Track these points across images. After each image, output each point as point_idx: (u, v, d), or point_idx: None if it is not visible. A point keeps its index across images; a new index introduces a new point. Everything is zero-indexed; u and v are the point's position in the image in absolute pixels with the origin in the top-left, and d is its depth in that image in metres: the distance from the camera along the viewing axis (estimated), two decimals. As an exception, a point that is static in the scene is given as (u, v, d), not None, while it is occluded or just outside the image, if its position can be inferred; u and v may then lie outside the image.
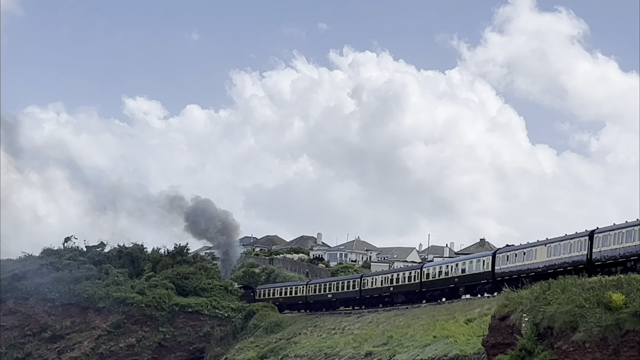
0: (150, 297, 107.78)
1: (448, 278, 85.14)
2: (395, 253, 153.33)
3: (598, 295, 44.29)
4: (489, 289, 77.96)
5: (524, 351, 45.76)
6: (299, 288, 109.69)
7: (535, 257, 71.22)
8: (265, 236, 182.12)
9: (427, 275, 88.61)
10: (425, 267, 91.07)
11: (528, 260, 72.03)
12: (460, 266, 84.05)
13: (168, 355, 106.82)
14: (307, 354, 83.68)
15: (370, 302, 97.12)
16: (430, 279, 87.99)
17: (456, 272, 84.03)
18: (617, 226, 62.38)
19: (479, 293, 79.33)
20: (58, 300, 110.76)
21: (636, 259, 57.78)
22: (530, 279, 67.95)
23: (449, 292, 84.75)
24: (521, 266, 72.67)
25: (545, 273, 67.18)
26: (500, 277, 75.67)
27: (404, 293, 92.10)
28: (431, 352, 64.81)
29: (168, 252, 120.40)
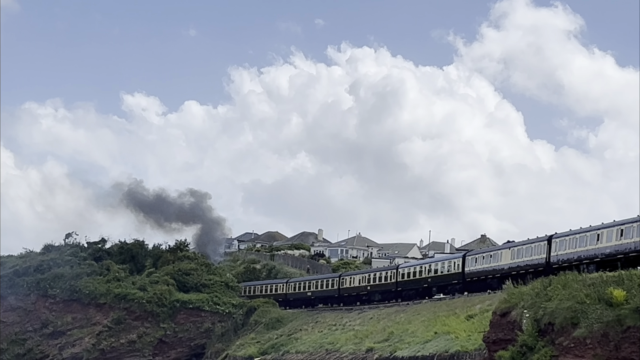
0: (151, 293, 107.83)
1: (422, 278, 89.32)
2: (397, 249, 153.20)
3: (599, 291, 44.26)
4: (460, 289, 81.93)
5: (524, 347, 45.73)
6: (279, 286, 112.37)
7: (500, 259, 76.32)
8: (266, 232, 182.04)
9: (403, 275, 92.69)
10: (400, 268, 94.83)
11: (494, 263, 77.11)
12: (433, 267, 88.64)
13: (169, 351, 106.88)
14: (308, 350, 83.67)
15: (348, 300, 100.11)
16: (405, 279, 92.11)
17: (429, 272, 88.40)
18: (572, 232, 67.24)
19: (450, 293, 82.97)
20: (59, 296, 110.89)
21: (588, 262, 62.41)
22: (496, 279, 74.12)
23: (422, 292, 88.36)
24: (488, 268, 77.62)
25: (509, 274, 72.02)
26: (469, 278, 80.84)
27: (380, 292, 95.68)
28: (432, 348, 64.80)
29: (169, 248, 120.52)
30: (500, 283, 71.40)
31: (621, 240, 60.14)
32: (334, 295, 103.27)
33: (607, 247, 61.55)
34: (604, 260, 61.01)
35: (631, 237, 58.88)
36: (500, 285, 71.10)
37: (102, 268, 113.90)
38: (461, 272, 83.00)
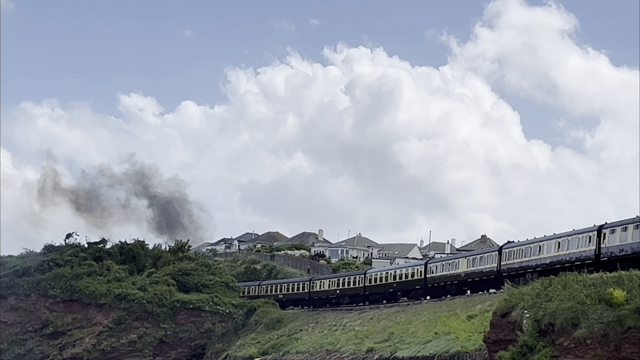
0: (152, 294, 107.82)
1: (388, 283, 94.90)
2: (397, 250, 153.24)
3: (599, 292, 44.24)
4: (422, 293, 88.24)
5: (525, 348, 45.70)
6: (252, 288, 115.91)
7: (458, 267, 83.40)
8: (267, 232, 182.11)
9: (370, 280, 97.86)
10: (368, 273, 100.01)
11: (452, 270, 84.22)
12: (398, 273, 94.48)
13: (169, 351, 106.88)
14: (309, 350, 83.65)
15: (318, 302, 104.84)
16: (372, 283, 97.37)
17: (395, 278, 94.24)
18: (520, 243, 75.64)
19: (414, 297, 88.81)
20: (59, 297, 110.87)
21: (531, 271, 69.55)
22: (454, 285, 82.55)
23: (388, 296, 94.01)
24: (447, 274, 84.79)
25: (465, 280, 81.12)
26: (430, 284, 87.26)
27: (349, 295, 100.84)
28: (432, 348, 64.78)
29: (169, 249, 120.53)
30: (458, 289, 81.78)
31: (558, 252, 67.33)
32: (304, 298, 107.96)
33: (547, 258, 68.40)
34: (544, 270, 66.67)
35: (567, 249, 66.27)
36: (458, 291, 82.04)
37: (102, 268, 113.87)
38: (424, 278, 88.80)
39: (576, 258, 65.09)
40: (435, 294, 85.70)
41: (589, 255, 63.77)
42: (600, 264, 61.29)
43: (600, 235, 63.00)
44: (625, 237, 59.91)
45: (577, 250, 65.38)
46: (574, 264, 63.97)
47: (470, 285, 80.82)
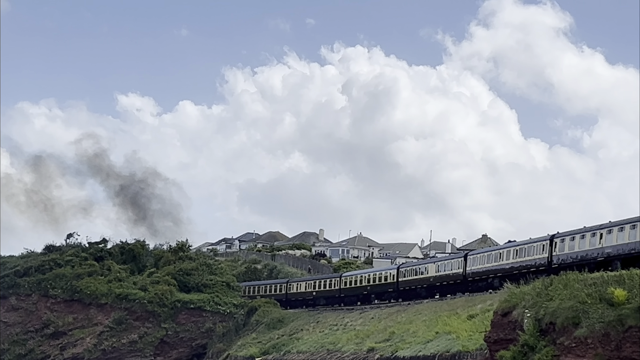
0: (153, 294, 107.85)
1: (362, 286, 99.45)
2: (398, 249, 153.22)
3: (600, 291, 44.18)
4: (395, 295, 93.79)
5: (526, 347, 45.65)
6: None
7: (427, 272, 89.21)
8: (267, 232, 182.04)
9: (345, 282, 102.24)
10: (343, 276, 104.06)
11: (422, 275, 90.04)
12: (372, 276, 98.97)
13: (170, 351, 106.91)
14: (309, 350, 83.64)
15: (294, 304, 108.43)
16: (347, 286, 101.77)
17: (369, 281, 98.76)
18: (483, 250, 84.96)
19: (387, 299, 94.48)
20: (60, 297, 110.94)
21: (493, 276, 76.37)
22: (424, 289, 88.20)
23: (362, 298, 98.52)
24: (418, 278, 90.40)
25: (434, 284, 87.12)
26: (402, 287, 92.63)
27: (325, 297, 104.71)
28: (433, 348, 64.74)
29: (170, 248, 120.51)
30: (427, 291, 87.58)
31: (517, 259, 73.71)
32: (282, 299, 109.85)
33: (507, 264, 75.08)
34: (504, 275, 72.95)
35: (524, 256, 72.67)
36: (428, 294, 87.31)
37: (103, 268, 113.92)
38: (396, 282, 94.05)
39: (532, 264, 71.07)
40: (406, 296, 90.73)
41: (542, 262, 69.70)
42: (552, 270, 65.26)
43: (552, 244, 68.99)
44: (573, 246, 66.11)
45: (532, 257, 71.49)
46: (530, 270, 69.62)
47: (439, 289, 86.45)
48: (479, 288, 78.92)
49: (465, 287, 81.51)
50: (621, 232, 60.86)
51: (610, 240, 61.60)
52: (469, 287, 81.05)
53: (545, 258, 69.36)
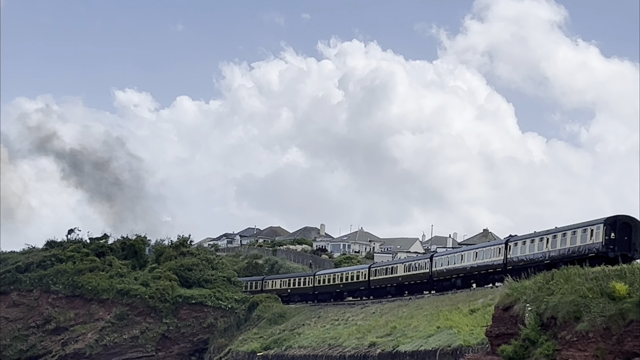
0: (154, 289, 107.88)
1: (335, 284, 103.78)
2: (399, 244, 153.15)
3: (601, 285, 44.14)
4: (366, 293, 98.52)
5: (527, 341, 45.64)
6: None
7: (397, 271, 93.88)
8: (269, 227, 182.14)
9: (319, 280, 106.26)
10: (317, 275, 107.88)
11: (392, 274, 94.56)
12: (344, 275, 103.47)
13: (172, 346, 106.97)
14: (311, 345, 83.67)
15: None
16: (321, 284, 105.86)
17: (341, 280, 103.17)
18: (447, 252, 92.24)
19: (359, 296, 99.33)
20: (62, 292, 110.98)
21: (456, 276, 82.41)
22: (394, 287, 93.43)
23: (335, 295, 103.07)
24: (388, 277, 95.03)
25: (402, 283, 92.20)
26: (373, 285, 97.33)
27: (299, 294, 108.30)
28: (435, 342, 64.74)
29: (171, 244, 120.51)
30: (397, 290, 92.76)
31: (476, 261, 79.63)
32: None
33: (468, 265, 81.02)
34: (465, 275, 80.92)
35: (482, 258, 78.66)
36: (397, 292, 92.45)
37: (104, 264, 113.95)
38: (368, 280, 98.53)
39: (490, 265, 77.21)
40: (377, 294, 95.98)
41: (499, 263, 75.83)
42: (506, 271, 72.24)
43: (507, 247, 75.11)
44: (524, 250, 72.70)
45: (490, 259, 77.70)
46: (488, 270, 77.30)
47: (407, 287, 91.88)
48: (443, 287, 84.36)
49: (432, 286, 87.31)
50: (564, 238, 67.69)
51: (555, 245, 68.35)
52: (434, 286, 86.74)
53: (502, 260, 75.51)
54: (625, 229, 64.15)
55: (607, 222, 64.36)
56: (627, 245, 63.62)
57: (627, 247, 63.41)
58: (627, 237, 64.23)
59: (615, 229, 63.84)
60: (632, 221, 65.12)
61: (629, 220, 65.11)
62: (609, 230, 63.82)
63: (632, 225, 64.62)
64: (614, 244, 63.51)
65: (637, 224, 65.02)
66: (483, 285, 77.99)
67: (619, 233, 63.82)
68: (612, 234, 63.74)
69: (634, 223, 64.97)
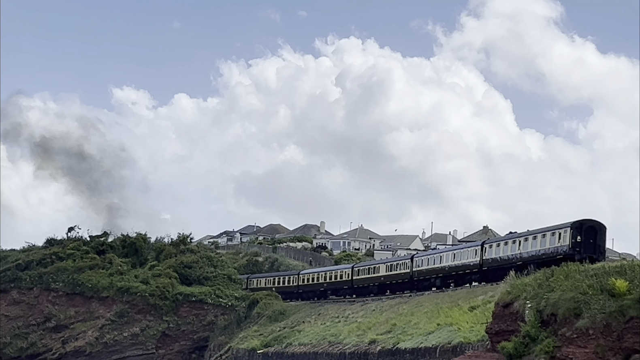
0: (154, 287, 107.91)
1: (319, 283, 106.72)
2: (399, 241, 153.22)
3: (601, 282, 44.11)
4: (350, 292, 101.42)
5: (527, 338, 45.63)
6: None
7: (379, 271, 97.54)
8: (269, 225, 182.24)
9: (303, 280, 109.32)
10: (301, 274, 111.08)
11: (374, 274, 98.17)
12: (328, 274, 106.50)
13: (172, 344, 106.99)
14: (311, 342, 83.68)
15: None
16: (305, 283, 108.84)
17: (325, 279, 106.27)
18: (427, 253, 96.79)
19: (342, 295, 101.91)
20: (62, 290, 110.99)
21: (435, 276, 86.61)
22: (376, 286, 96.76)
23: (319, 294, 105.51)
24: (370, 277, 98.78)
25: (384, 283, 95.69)
26: (357, 285, 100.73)
27: (284, 292, 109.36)
28: (435, 339, 64.74)
29: (171, 241, 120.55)
30: (379, 289, 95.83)
31: (454, 262, 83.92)
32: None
33: (446, 266, 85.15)
34: (444, 275, 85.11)
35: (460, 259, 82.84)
36: (380, 291, 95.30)
37: (104, 261, 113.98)
38: (350, 280, 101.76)
39: (467, 266, 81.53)
40: (359, 293, 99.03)
41: (475, 264, 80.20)
42: (482, 271, 78.65)
43: (483, 248, 79.68)
44: (499, 251, 77.25)
45: (467, 260, 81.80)
46: (465, 271, 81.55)
47: (389, 287, 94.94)
48: (424, 287, 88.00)
49: (412, 285, 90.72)
50: (534, 240, 72.15)
51: (526, 247, 72.90)
52: (415, 285, 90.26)
53: (478, 261, 79.99)
54: (590, 232, 68.70)
55: (573, 226, 68.59)
56: (592, 248, 68.03)
57: (592, 250, 67.65)
58: (592, 240, 68.70)
59: (582, 232, 68.26)
60: (597, 225, 69.82)
61: (594, 224, 69.72)
62: (576, 234, 68.03)
63: (597, 229, 69.29)
64: (580, 247, 67.78)
65: (602, 228, 69.83)
66: (461, 285, 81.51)
67: (585, 236, 68.18)
68: (578, 237, 68.02)
69: (599, 227, 69.67)
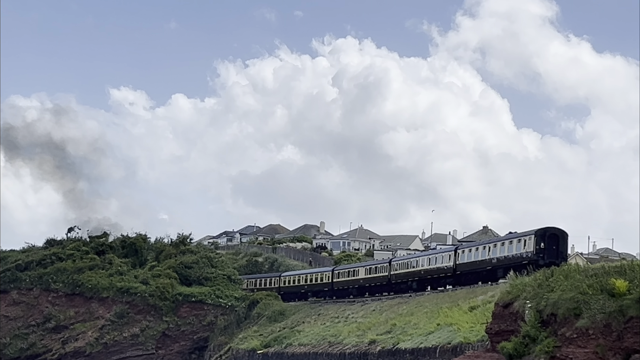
0: (154, 287, 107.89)
1: (300, 285, 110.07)
2: (398, 241, 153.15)
3: (601, 282, 44.12)
4: (329, 294, 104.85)
5: (527, 338, 45.64)
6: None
7: (358, 274, 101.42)
8: (268, 225, 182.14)
9: (285, 281, 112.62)
10: (282, 276, 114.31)
11: (353, 277, 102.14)
12: (309, 277, 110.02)
13: (172, 344, 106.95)
14: (311, 343, 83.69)
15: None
16: (286, 284, 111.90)
17: (306, 281, 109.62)
18: (405, 257, 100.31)
19: (322, 297, 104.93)
20: (62, 291, 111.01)
21: (411, 280, 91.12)
22: (355, 289, 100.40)
23: (300, 295, 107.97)
24: (349, 280, 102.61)
25: (363, 285, 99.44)
26: (337, 287, 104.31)
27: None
28: (435, 339, 64.77)
29: (171, 242, 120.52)
30: (358, 291, 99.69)
31: (430, 266, 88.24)
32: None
33: (422, 270, 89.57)
34: (420, 279, 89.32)
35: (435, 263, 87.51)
36: (358, 293, 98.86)
37: (104, 262, 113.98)
38: (331, 282, 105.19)
39: (441, 270, 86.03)
40: (339, 295, 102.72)
41: (449, 268, 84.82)
42: (455, 275, 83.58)
43: (456, 253, 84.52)
44: (470, 256, 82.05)
45: (442, 264, 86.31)
46: (440, 274, 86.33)
47: (368, 290, 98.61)
48: (401, 289, 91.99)
49: (390, 288, 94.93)
50: (502, 246, 77.18)
51: (495, 253, 77.84)
52: (392, 288, 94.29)
53: (452, 265, 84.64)
54: (553, 239, 73.08)
55: (537, 233, 73.19)
56: (555, 254, 72.09)
57: (555, 255, 71.46)
58: (555, 246, 73.08)
59: (545, 239, 72.64)
60: (560, 232, 74.28)
61: (556, 231, 74.18)
62: (539, 241, 72.41)
63: (559, 236, 73.77)
64: (544, 253, 72.18)
65: (564, 235, 74.42)
66: (436, 288, 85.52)
67: (548, 243, 72.56)
68: (541, 243, 72.37)
69: (561, 234, 74.15)
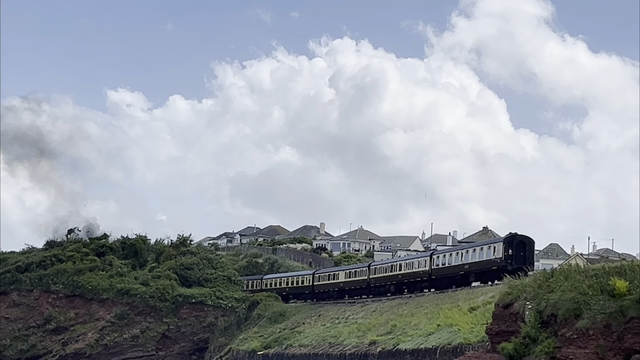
0: (154, 288, 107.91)
1: (281, 288, 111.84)
2: (399, 242, 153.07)
3: (601, 282, 44.09)
4: (310, 297, 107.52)
5: (527, 339, 45.62)
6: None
7: (338, 278, 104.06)
8: (268, 226, 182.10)
9: (266, 284, 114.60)
10: (264, 279, 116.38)
11: (334, 280, 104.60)
12: (290, 280, 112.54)
13: (172, 345, 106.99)
14: (311, 344, 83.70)
15: None
16: (268, 287, 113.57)
17: (287, 284, 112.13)
18: (383, 262, 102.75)
19: (303, 299, 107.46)
20: (62, 292, 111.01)
21: (390, 283, 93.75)
22: (335, 292, 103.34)
23: (282, 298, 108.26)
24: (330, 283, 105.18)
25: (343, 288, 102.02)
26: (317, 290, 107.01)
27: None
28: (435, 340, 64.77)
29: (171, 243, 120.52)
30: (338, 294, 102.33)
31: (407, 270, 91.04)
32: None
33: (401, 274, 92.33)
34: (399, 282, 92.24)
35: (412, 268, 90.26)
36: (339, 296, 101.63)
37: (104, 263, 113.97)
38: (311, 285, 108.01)
39: (418, 274, 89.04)
40: (319, 297, 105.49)
41: (425, 272, 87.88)
42: (431, 280, 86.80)
43: (432, 258, 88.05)
44: (445, 262, 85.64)
45: (418, 268, 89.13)
46: (416, 278, 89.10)
47: (348, 292, 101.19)
48: (380, 292, 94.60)
49: (369, 291, 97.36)
50: (474, 252, 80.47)
51: (467, 258, 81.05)
52: (371, 291, 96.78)
53: (427, 270, 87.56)
54: (520, 246, 76.63)
55: (505, 240, 77.51)
56: (522, 260, 74.79)
57: (522, 261, 73.83)
58: (522, 252, 76.47)
59: (513, 246, 76.26)
60: (527, 239, 77.85)
61: (523, 238, 77.72)
62: (508, 247, 76.02)
63: (527, 243, 77.39)
64: (512, 259, 75.58)
65: (531, 242, 78.24)
66: (413, 291, 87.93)
67: (515, 249, 76.06)
68: (510, 250, 75.95)
69: (527, 241, 77.78)
